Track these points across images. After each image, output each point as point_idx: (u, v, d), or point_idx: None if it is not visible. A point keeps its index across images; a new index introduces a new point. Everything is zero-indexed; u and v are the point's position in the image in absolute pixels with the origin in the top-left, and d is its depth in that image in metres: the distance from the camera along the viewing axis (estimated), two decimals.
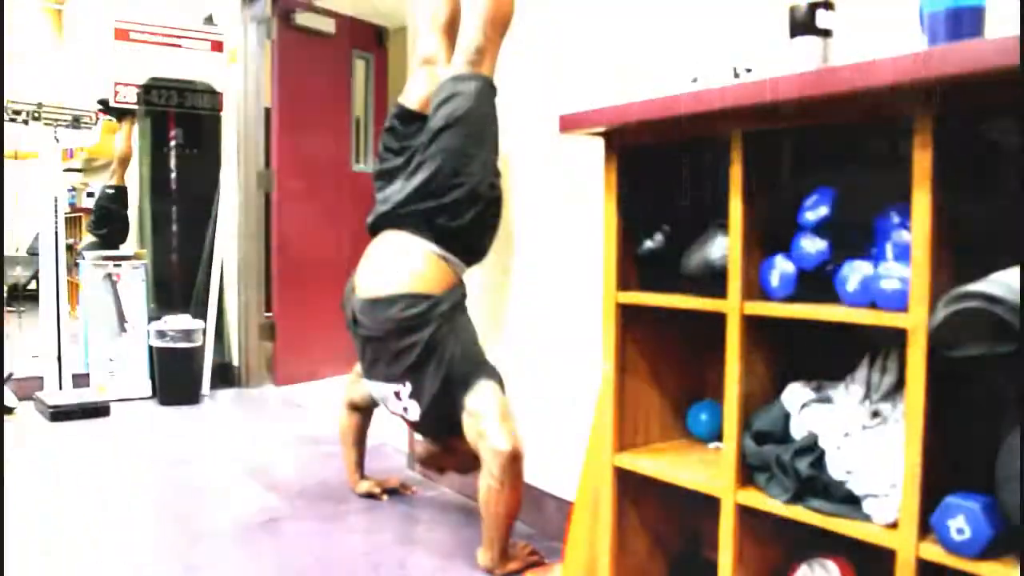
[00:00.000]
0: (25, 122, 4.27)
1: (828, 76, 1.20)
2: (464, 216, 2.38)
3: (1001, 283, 1.07)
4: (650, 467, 1.62)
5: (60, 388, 4.28)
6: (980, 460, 1.18)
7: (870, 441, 1.31)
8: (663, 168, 1.71)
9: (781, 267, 1.39)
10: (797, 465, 1.35)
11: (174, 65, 4.88)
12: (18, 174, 4.95)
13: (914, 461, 1.16)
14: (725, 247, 1.47)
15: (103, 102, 5.40)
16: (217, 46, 5.01)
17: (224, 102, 5.03)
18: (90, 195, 7.97)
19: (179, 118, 4.95)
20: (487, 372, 2.36)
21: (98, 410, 4.14)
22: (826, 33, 1.40)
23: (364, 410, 2.81)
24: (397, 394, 2.40)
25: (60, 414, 4.01)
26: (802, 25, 1.40)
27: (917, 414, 1.16)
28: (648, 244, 1.66)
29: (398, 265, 2.39)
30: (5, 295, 5.85)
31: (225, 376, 4.95)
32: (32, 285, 7.48)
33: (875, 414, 1.35)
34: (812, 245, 1.37)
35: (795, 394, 1.45)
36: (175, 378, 4.48)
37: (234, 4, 4.84)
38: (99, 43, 6.12)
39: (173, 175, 4.96)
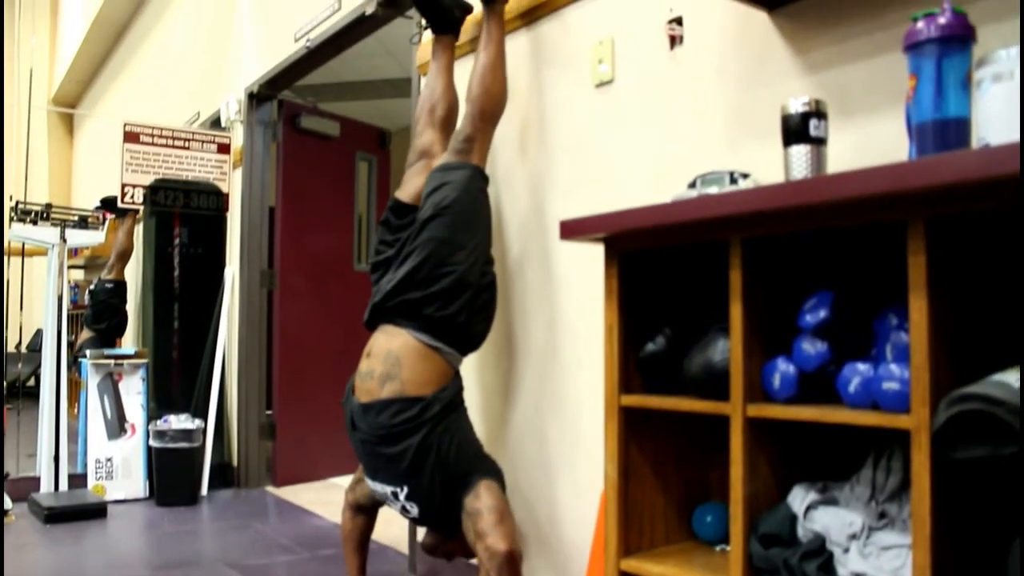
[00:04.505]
0: (34, 221, 4.35)
1: (822, 184, 1.24)
2: (453, 304, 2.38)
3: (1001, 384, 1.08)
4: (656, 571, 1.60)
5: (56, 489, 4.23)
6: (990, 561, 1.17)
7: (878, 543, 1.30)
8: (664, 271, 1.74)
9: (782, 369, 1.41)
10: (805, 568, 1.34)
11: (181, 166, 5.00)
12: (24, 271, 4.99)
13: (923, 563, 1.16)
14: (727, 350, 1.49)
15: (106, 201, 5.49)
16: (223, 148, 5.14)
17: (229, 202, 5.13)
18: (92, 292, 8.03)
19: (184, 218, 5.03)
20: (485, 470, 2.34)
21: (94, 511, 4.07)
22: (819, 141, 1.45)
23: (369, 511, 2.73)
24: (395, 494, 2.38)
25: (55, 516, 3.94)
26: (795, 133, 1.46)
27: (924, 515, 1.16)
28: (650, 347, 1.68)
29: (389, 366, 2.38)
30: (4, 392, 5.82)
31: (224, 476, 4.89)
32: (31, 382, 7.45)
33: (882, 515, 1.35)
34: (812, 347, 1.39)
35: (800, 495, 1.44)
36: (173, 479, 4.42)
37: (241, 107, 4.98)
38: (108, 145, 6.26)
39: (176, 273, 5.01)
